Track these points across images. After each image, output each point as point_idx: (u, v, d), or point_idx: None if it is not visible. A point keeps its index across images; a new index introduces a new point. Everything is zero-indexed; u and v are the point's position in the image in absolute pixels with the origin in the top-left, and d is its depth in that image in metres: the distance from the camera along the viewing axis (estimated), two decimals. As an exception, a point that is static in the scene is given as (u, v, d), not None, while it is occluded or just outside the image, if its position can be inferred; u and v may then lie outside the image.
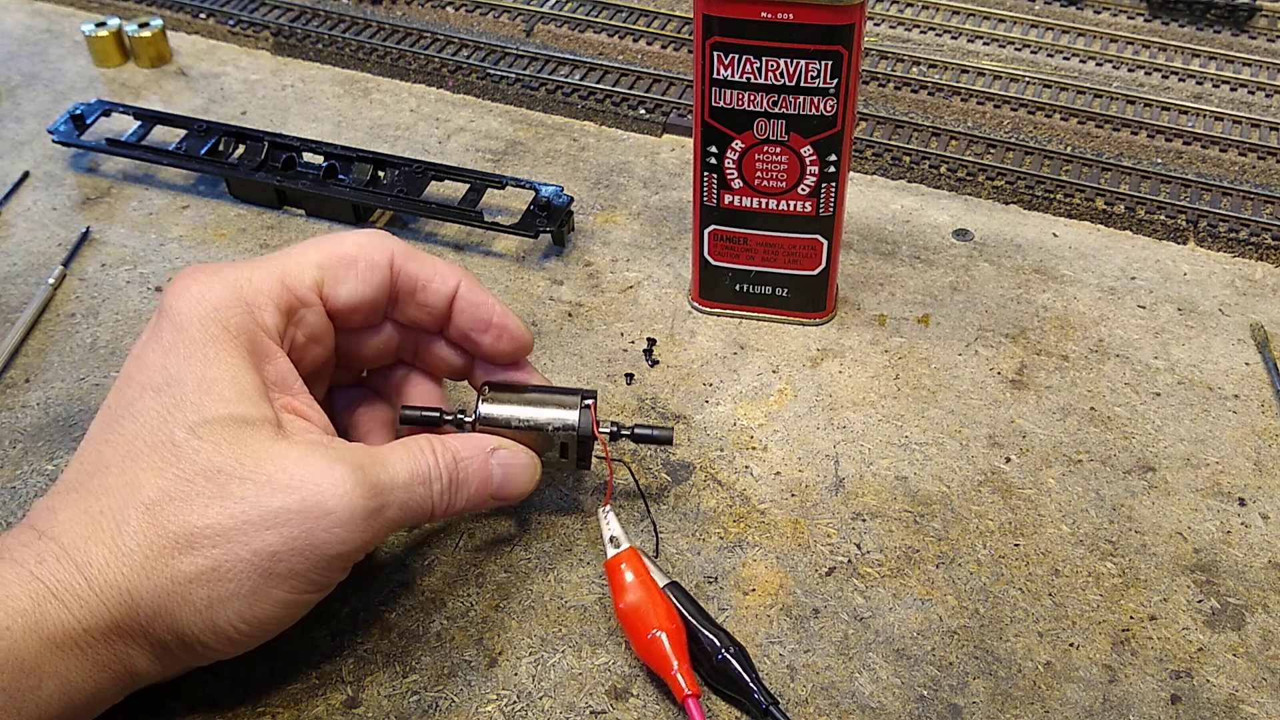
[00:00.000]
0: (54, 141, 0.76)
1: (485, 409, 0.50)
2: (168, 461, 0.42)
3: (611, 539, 0.49)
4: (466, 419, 0.50)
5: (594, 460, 0.54)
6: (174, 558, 0.41)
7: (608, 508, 0.50)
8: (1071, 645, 0.49)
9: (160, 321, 0.45)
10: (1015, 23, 0.89)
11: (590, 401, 0.50)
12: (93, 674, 0.41)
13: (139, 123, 0.76)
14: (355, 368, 0.53)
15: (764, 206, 0.60)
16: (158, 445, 0.42)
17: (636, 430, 0.51)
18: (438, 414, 0.50)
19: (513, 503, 0.50)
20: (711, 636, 0.46)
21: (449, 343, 0.52)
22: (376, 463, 0.44)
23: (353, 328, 0.50)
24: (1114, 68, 0.84)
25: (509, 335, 0.51)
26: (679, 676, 0.45)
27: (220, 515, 0.41)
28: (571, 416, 0.50)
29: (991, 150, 0.76)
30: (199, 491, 0.42)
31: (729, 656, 0.46)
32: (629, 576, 0.47)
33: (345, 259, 0.48)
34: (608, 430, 0.51)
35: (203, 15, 0.91)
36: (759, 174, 0.59)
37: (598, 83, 0.82)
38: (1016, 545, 0.53)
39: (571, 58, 0.85)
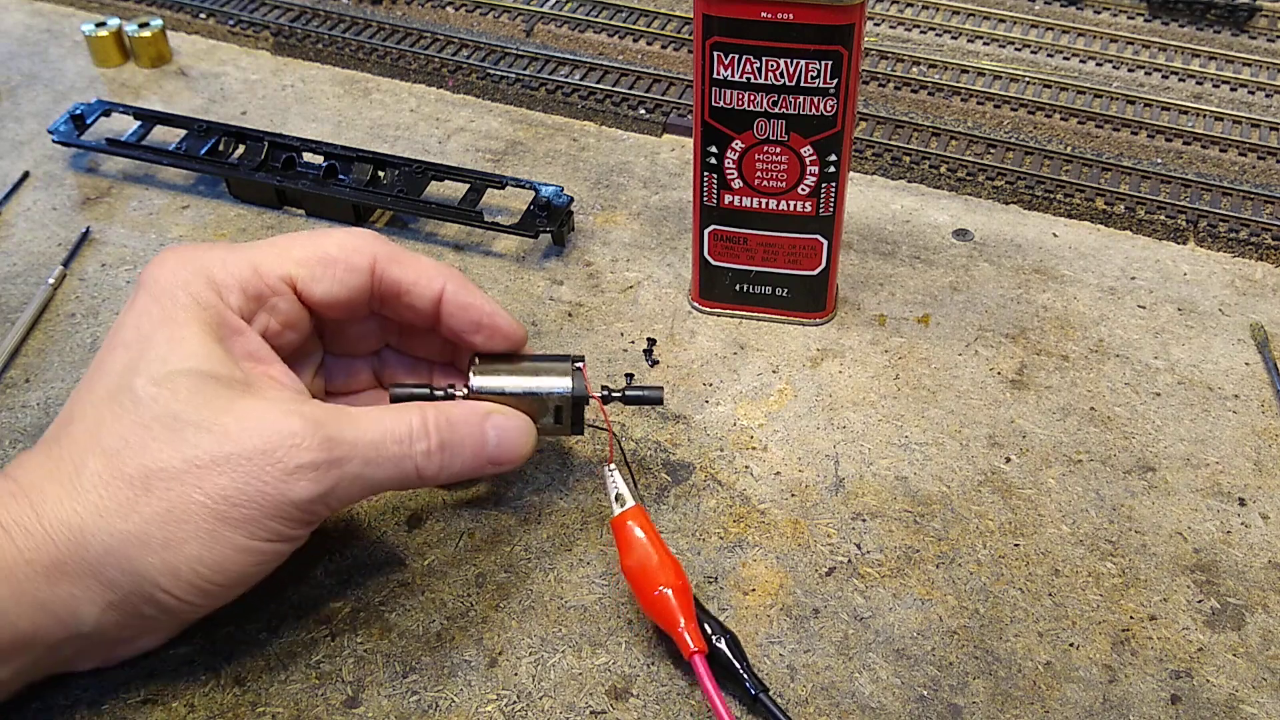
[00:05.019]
0: (54, 141, 0.76)
1: (477, 381, 0.50)
2: (127, 409, 0.43)
3: (617, 497, 0.49)
4: (458, 393, 0.50)
5: (588, 429, 0.54)
6: (130, 498, 0.42)
7: (612, 466, 0.50)
8: (1071, 645, 0.49)
9: (138, 291, 0.47)
10: (1015, 23, 0.89)
11: (581, 365, 0.51)
12: (30, 612, 0.41)
13: (139, 123, 0.76)
14: (346, 352, 0.54)
15: (764, 206, 0.60)
16: (119, 394, 0.43)
17: (628, 393, 0.52)
18: (428, 390, 0.50)
19: (510, 468, 0.50)
20: (704, 624, 0.47)
21: (443, 338, 0.52)
22: (341, 418, 0.45)
23: (331, 320, 0.51)
24: (1114, 68, 0.84)
25: (500, 334, 0.51)
26: (685, 634, 0.45)
27: (173, 458, 0.42)
28: (564, 381, 0.50)
29: (991, 150, 0.76)
30: (155, 436, 0.42)
31: (720, 645, 0.46)
32: (636, 533, 0.48)
33: (325, 259, 0.49)
34: (601, 394, 0.51)
35: (203, 15, 0.91)
36: (759, 174, 0.59)
37: (598, 83, 0.82)
38: (1016, 545, 0.53)
39: (571, 58, 0.85)
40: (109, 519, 0.41)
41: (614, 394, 0.52)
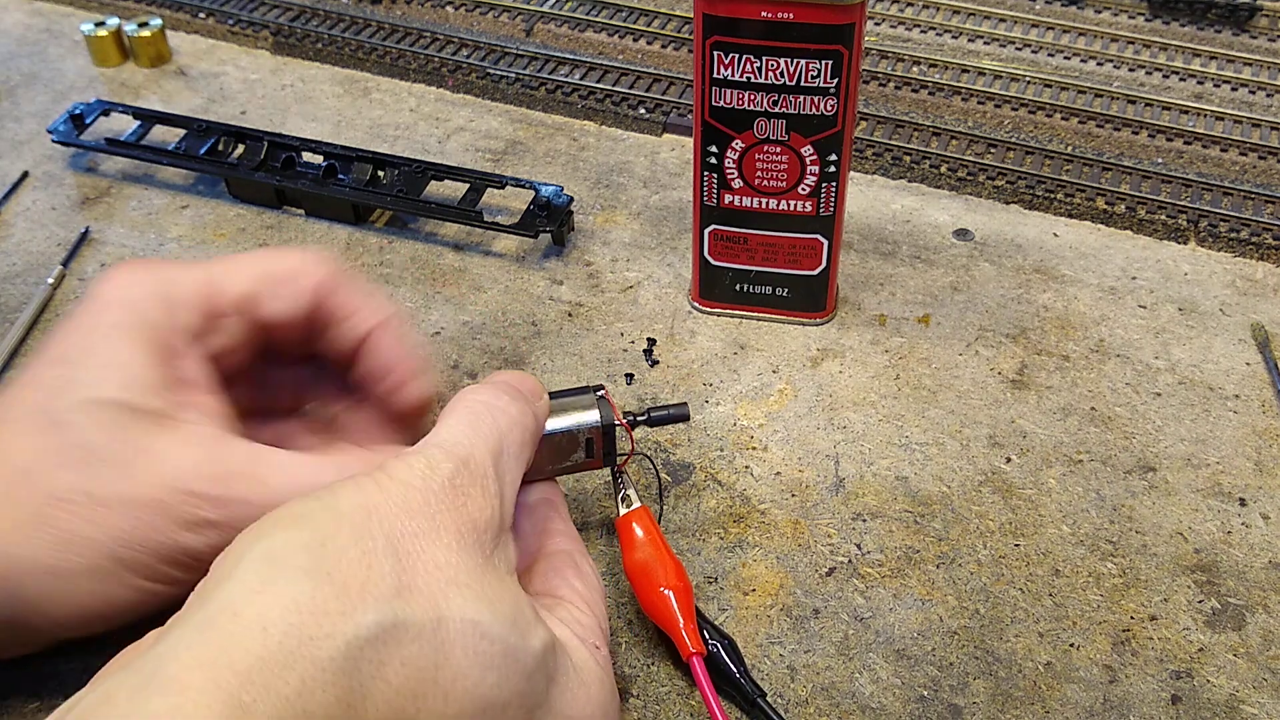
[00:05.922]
0: (53, 141, 0.76)
1: None
2: (44, 430, 0.42)
3: (623, 497, 0.49)
4: None
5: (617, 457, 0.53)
6: (27, 520, 0.41)
7: (623, 469, 0.50)
8: (1072, 645, 0.49)
9: (82, 303, 0.46)
10: (1015, 23, 0.89)
11: (603, 392, 0.50)
12: None
13: (138, 122, 0.76)
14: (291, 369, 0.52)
15: (764, 206, 0.60)
16: (38, 413, 0.43)
17: (652, 414, 0.51)
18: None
19: None
20: (703, 629, 0.46)
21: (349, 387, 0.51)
22: (258, 468, 0.43)
23: (281, 345, 0.49)
24: (1114, 68, 0.84)
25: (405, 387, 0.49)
26: (685, 635, 0.45)
27: (76, 489, 0.41)
28: (591, 413, 0.49)
29: (992, 150, 0.76)
30: (63, 463, 0.42)
31: (719, 650, 0.46)
32: (640, 533, 0.48)
33: (276, 276, 0.48)
34: (627, 419, 0.50)
35: (202, 15, 0.91)
36: (759, 174, 0.59)
37: (598, 83, 0.82)
38: (1017, 545, 0.53)
39: (571, 58, 0.85)
40: (5, 539, 0.41)
41: (638, 419, 0.51)
